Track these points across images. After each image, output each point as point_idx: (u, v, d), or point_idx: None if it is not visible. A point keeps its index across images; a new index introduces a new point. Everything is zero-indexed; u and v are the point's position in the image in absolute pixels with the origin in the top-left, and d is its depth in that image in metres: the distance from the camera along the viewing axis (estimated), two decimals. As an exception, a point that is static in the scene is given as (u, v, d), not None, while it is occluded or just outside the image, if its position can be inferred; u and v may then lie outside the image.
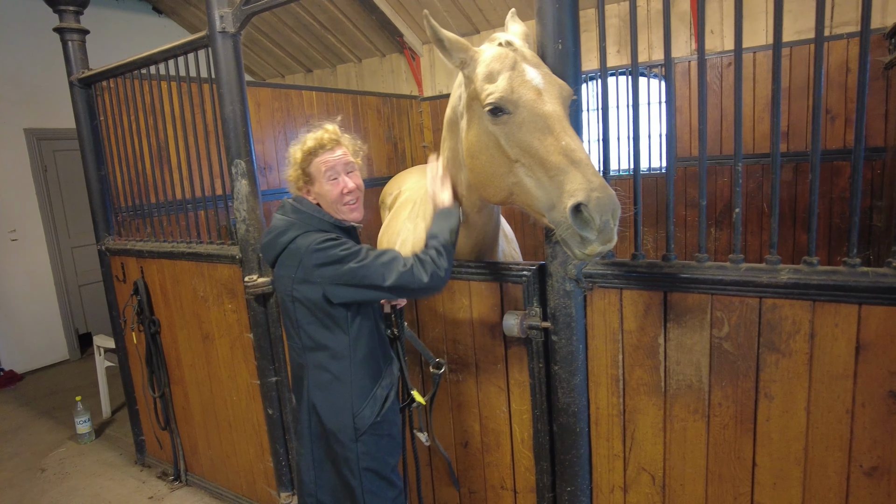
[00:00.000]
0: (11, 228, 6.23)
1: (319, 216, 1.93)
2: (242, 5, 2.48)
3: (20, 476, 4.18)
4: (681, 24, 4.95)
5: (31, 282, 6.33)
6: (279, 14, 6.60)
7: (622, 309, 1.79)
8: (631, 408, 1.84)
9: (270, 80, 8.15)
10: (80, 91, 3.53)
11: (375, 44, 6.76)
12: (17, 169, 6.22)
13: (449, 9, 5.88)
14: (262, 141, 4.71)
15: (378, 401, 1.96)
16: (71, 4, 3.46)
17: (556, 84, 1.66)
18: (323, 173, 1.93)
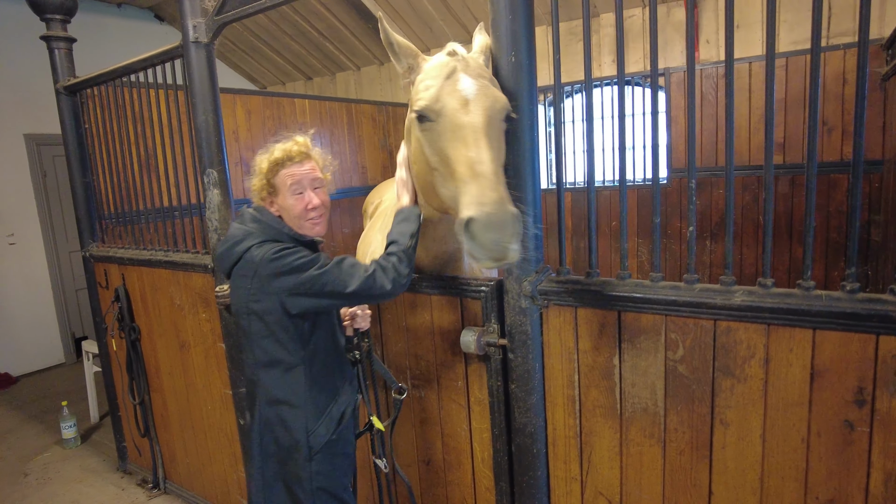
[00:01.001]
0: (10, 232, 6.28)
1: (279, 227, 1.88)
2: (215, 15, 2.47)
3: (3, 481, 4.18)
4: (676, 34, 4.89)
5: (28, 285, 6.38)
6: (278, 22, 6.63)
7: (577, 328, 1.74)
8: (587, 430, 1.79)
9: (272, 87, 8.19)
10: (65, 98, 3.55)
11: (373, 52, 6.76)
12: (16, 173, 6.28)
13: (445, 17, 5.87)
14: (252, 149, 4.70)
15: (334, 419, 1.91)
16: (57, 13, 3.48)
17: (489, 96, 1.61)
18: (288, 186, 1.88)
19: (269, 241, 1.83)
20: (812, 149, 1.38)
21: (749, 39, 4.75)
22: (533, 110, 1.73)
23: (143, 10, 7.28)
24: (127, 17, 7.13)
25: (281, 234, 1.87)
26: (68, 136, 3.64)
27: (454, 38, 6.06)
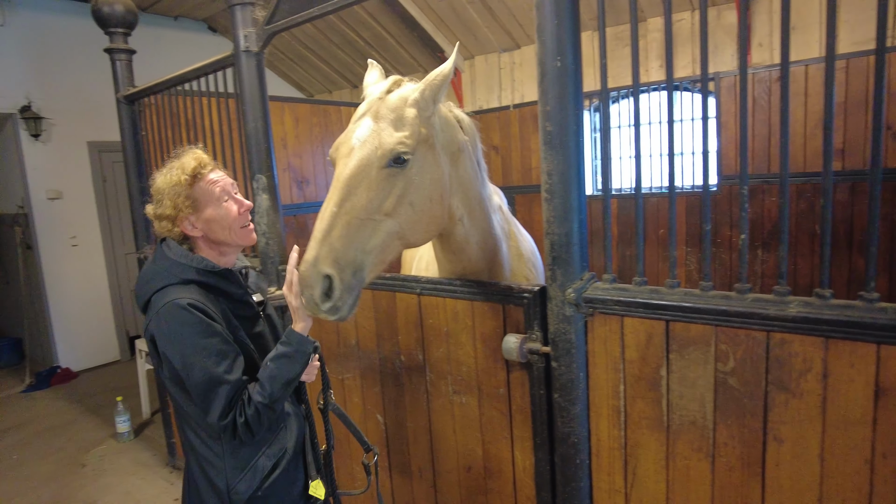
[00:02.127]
0: (72, 235, 6.61)
1: (185, 263, 1.69)
2: (265, 25, 2.55)
3: (63, 470, 4.39)
4: (727, 38, 4.76)
5: (87, 285, 6.69)
6: (325, 31, 6.78)
7: (623, 337, 1.70)
8: (633, 441, 1.74)
9: (319, 95, 8.37)
10: (125, 107, 3.71)
11: (418, 60, 6.83)
12: (79, 179, 6.61)
13: (490, 24, 5.88)
14: (300, 155, 4.82)
15: (259, 472, 1.72)
16: (120, 26, 3.65)
17: (372, 143, 1.61)
18: (216, 195, 1.74)
19: (175, 286, 1.66)
20: (877, 154, 1.32)
21: (805, 41, 4.59)
22: (578, 116, 1.71)
23: (197, 21, 7.57)
24: (182, 28, 7.43)
25: (188, 269, 1.68)
26: (126, 143, 3.80)
27: (499, 44, 6.08)
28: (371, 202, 1.59)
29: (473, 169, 1.98)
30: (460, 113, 2.04)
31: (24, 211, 6.43)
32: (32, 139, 6.20)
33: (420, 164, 1.69)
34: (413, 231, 1.72)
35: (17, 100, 6.08)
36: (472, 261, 2.06)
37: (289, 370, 1.67)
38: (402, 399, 2.38)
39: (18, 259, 6.66)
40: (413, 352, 2.29)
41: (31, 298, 6.75)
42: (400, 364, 2.35)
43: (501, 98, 6.26)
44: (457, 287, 2.06)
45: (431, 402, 2.27)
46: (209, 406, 1.59)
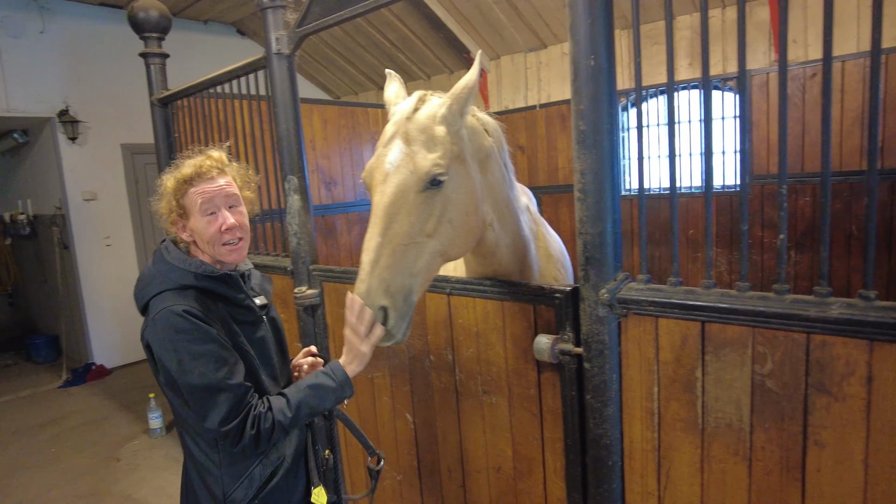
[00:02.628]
0: (106, 235, 6.78)
1: (183, 268, 1.66)
2: (296, 27, 2.58)
3: (98, 464, 4.50)
4: (759, 34, 4.67)
5: (121, 284, 6.85)
6: (352, 34, 6.84)
7: (658, 338, 1.68)
8: (666, 444, 1.72)
9: (345, 97, 8.44)
10: (158, 110, 3.80)
11: (443, 60, 6.85)
12: (114, 180, 6.79)
13: (516, 24, 5.86)
14: (328, 157, 4.87)
15: (255, 481, 1.70)
16: (154, 31, 3.74)
17: (407, 168, 1.60)
18: (199, 206, 1.67)
19: (171, 291, 1.62)
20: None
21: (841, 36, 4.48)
22: (613, 114, 1.69)
23: (226, 25, 7.70)
24: (212, 32, 7.57)
25: (185, 274, 1.65)
26: (160, 145, 3.88)
27: (525, 44, 6.06)
28: (413, 227, 1.59)
29: (501, 172, 1.96)
30: (485, 116, 2.01)
31: (61, 212, 6.61)
32: (69, 142, 6.38)
33: (455, 181, 1.68)
34: (454, 246, 1.72)
35: (56, 104, 6.26)
36: (501, 264, 2.05)
37: (321, 402, 1.66)
38: (431, 398, 2.39)
39: (56, 258, 6.85)
40: (442, 351, 2.30)
41: (68, 297, 6.94)
42: (429, 364, 2.36)
43: (528, 98, 6.24)
44: (487, 287, 2.06)
45: (461, 402, 2.27)
46: (207, 412, 1.55)
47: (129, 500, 3.94)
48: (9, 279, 8.82)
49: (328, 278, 2.74)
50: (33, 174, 7.31)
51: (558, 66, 5.98)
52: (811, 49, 4.54)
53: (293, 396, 1.65)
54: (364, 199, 5.02)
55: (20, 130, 6.99)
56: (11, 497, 4.08)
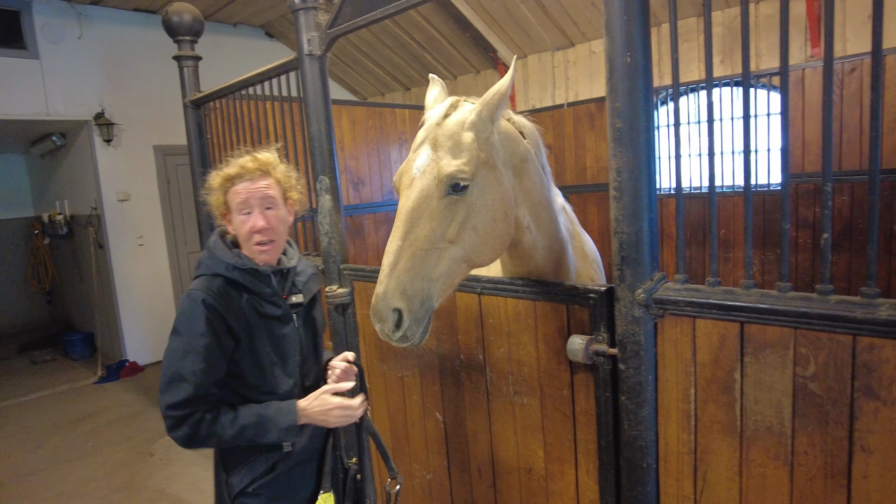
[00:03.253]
0: (139, 235, 6.93)
1: (220, 258, 1.79)
2: (327, 29, 2.60)
3: (133, 458, 4.61)
4: (793, 30, 4.57)
5: (153, 283, 7.01)
6: (379, 35, 6.88)
7: (695, 339, 1.66)
8: (703, 446, 1.69)
9: (372, 98, 8.49)
10: (191, 111, 3.86)
11: (470, 60, 6.84)
12: (146, 181, 6.94)
13: (543, 23, 5.83)
14: (356, 157, 4.90)
15: (253, 471, 1.79)
16: (188, 34, 3.80)
17: (431, 173, 1.62)
18: (236, 205, 1.78)
19: (207, 277, 1.78)
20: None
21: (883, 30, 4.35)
22: (648, 112, 1.67)
23: (255, 28, 7.81)
24: (241, 35, 7.68)
25: (220, 263, 1.78)
26: (193, 146, 3.95)
27: (552, 43, 6.02)
28: (434, 232, 1.60)
29: (539, 175, 1.93)
30: (522, 120, 1.98)
31: (96, 212, 6.78)
32: (105, 144, 6.54)
33: (481, 187, 1.67)
34: (479, 253, 1.71)
35: (92, 107, 6.43)
36: (538, 265, 2.04)
37: (261, 436, 1.72)
38: (461, 398, 2.39)
39: (91, 258, 7.03)
40: (473, 351, 2.30)
41: (102, 295, 7.11)
42: (459, 363, 2.36)
43: (555, 97, 6.20)
44: (519, 287, 2.05)
45: (492, 402, 2.26)
46: (163, 390, 1.68)
47: (163, 494, 4.02)
48: (47, 278, 9.08)
49: (358, 277, 2.75)
50: (70, 176, 7.51)
51: (586, 64, 5.93)
52: (850, 44, 4.42)
53: (241, 418, 1.72)
54: (391, 200, 5.05)
55: (58, 133, 7.19)
56: (53, 488, 4.20)
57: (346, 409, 1.81)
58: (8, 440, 5.14)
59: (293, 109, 3.11)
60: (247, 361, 1.79)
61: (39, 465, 4.60)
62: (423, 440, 2.62)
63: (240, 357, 1.79)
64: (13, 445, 5.01)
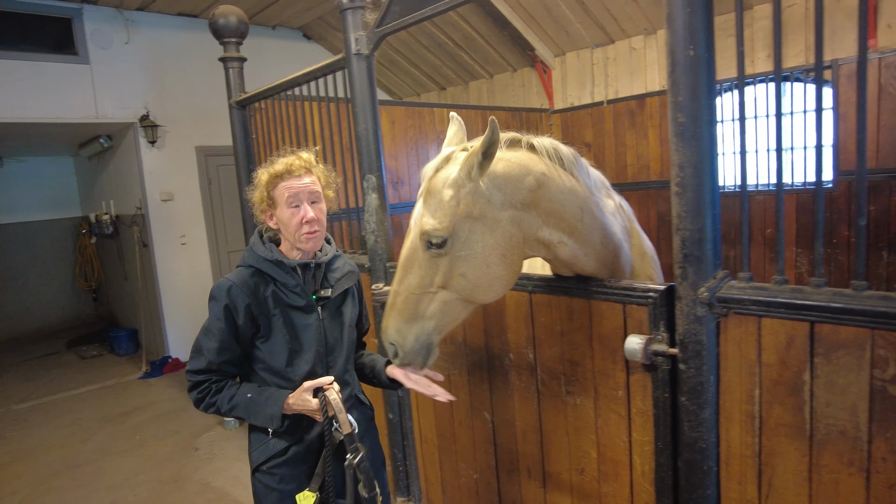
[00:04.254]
0: (182, 234, 7.10)
1: (257, 252, 1.97)
2: (375, 28, 2.62)
3: (178, 452, 4.71)
4: (847, 21, 4.41)
5: (194, 281, 7.16)
6: (415, 34, 6.90)
7: (760, 339, 1.61)
8: (768, 450, 1.64)
9: (407, 98, 8.53)
10: (237, 112, 3.94)
11: (507, 59, 6.81)
12: (189, 182, 7.09)
13: (582, 20, 5.76)
14: (395, 157, 4.93)
15: (270, 449, 1.97)
16: (233, 36, 3.88)
17: (417, 226, 1.75)
18: (285, 199, 1.92)
19: (244, 267, 1.99)
20: None
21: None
22: (712, 106, 1.63)
23: (293, 30, 7.92)
24: (280, 37, 7.79)
25: (256, 257, 1.97)
26: (238, 146, 4.02)
27: (591, 40, 5.94)
28: (422, 280, 1.75)
29: (564, 192, 1.83)
30: (537, 141, 1.88)
31: (141, 212, 6.97)
32: (149, 145, 6.71)
33: (464, 240, 1.72)
34: (473, 295, 1.78)
35: (138, 110, 6.60)
36: (585, 269, 1.99)
37: (249, 416, 1.91)
38: (510, 398, 2.38)
39: (136, 256, 7.23)
40: (523, 350, 2.28)
41: (146, 293, 7.31)
42: (508, 362, 2.35)
43: (594, 94, 6.11)
44: (572, 285, 2.03)
45: (542, 403, 2.24)
46: (190, 357, 1.96)
47: (208, 487, 4.10)
48: (93, 276, 9.38)
49: (405, 276, 2.76)
50: (116, 176, 7.73)
51: (626, 61, 5.84)
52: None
53: (237, 396, 1.92)
54: (430, 198, 5.04)
55: (105, 135, 7.40)
56: (105, 479, 4.33)
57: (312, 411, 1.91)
58: (61, 432, 5.32)
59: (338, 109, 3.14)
60: (267, 347, 1.96)
61: (91, 456, 4.75)
62: (470, 439, 2.62)
63: (261, 342, 1.96)
64: (66, 437, 5.18)
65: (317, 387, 1.90)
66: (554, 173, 1.85)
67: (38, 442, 5.14)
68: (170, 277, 7.03)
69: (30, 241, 9.64)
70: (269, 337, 1.96)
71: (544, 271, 2.26)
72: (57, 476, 4.45)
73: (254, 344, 1.96)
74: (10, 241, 9.46)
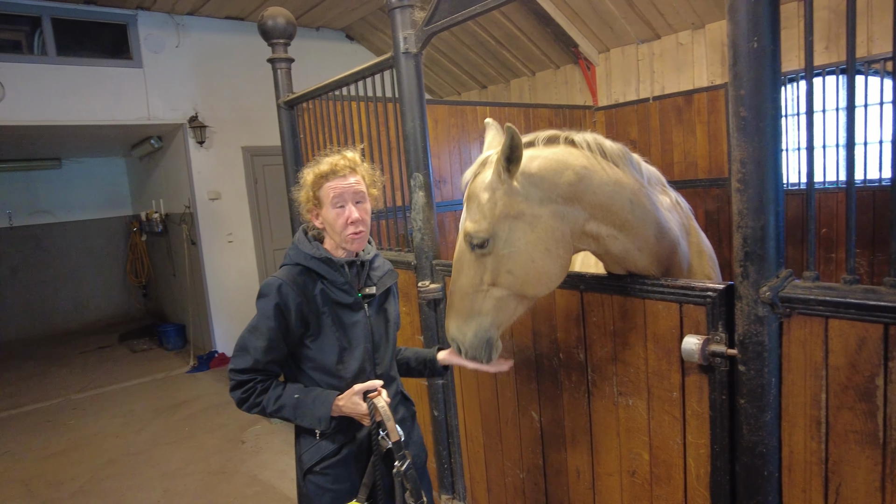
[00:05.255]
0: (229, 232, 7.28)
1: (302, 250, 1.97)
2: (424, 26, 2.62)
3: (226, 444, 4.84)
4: (912, 11, 4.20)
5: (241, 277, 7.33)
6: (457, 34, 6.90)
7: (828, 341, 1.55)
8: (836, 457, 1.58)
9: (447, 97, 8.54)
10: (284, 112, 4.01)
11: (550, 56, 6.74)
12: (235, 181, 7.27)
13: (627, 15, 5.66)
14: (438, 156, 4.94)
15: (322, 450, 1.96)
16: (281, 38, 3.95)
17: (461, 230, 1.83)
18: (330, 199, 1.93)
19: (289, 266, 1.98)
20: None
21: None
22: (776, 99, 1.58)
23: (336, 31, 8.03)
24: (323, 38, 7.91)
25: (301, 254, 1.97)
26: (286, 146, 4.10)
27: (636, 36, 5.83)
28: (472, 279, 1.82)
29: (609, 184, 1.83)
30: (578, 136, 1.89)
31: (189, 210, 7.18)
32: (198, 146, 6.91)
33: (505, 238, 1.77)
34: (523, 290, 1.83)
35: (187, 111, 6.81)
36: (637, 265, 1.97)
37: (296, 417, 1.90)
38: (559, 397, 2.35)
39: (184, 254, 7.46)
40: (573, 350, 2.25)
41: (194, 289, 7.53)
42: (558, 362, 2.32)
43: (639, 91, 6.00)
44: (626, 284, 1.99)
45: (593, 403, 2.21)
46: (233, 356, 1.93)
47: (255, 480, 4.20)
48: (143, 272, 9.72)
49: (450, 273, 2.76)
50: (166, 176, 7.99)
51: (672, 56, 5.71)
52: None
53: (284, 397, 1.91)
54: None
55: (156, 136, 7.66)
56: (158, 468, 4.48)
57: (361, 415, 1.92)
58: (116, 421, 5.53)
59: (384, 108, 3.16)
60: (317, 345, 1.96)
61: (144, 446, 4.92)
62: (516, 438, 2.60)
63: (310, 341, 1.96)
64: (120, 427, 5.39)
65: (366, 390, 1.91)
66: (597, 166, 1.85)
67: (96, 430, 5.36)
68: (217, 274, 7.23)
69: (85, 239, 10.06)
70: (319, 335, 1.96)
71: (597, 270, 2.23)
72: (113, 463, 4.63)
73: (303, 343, 1.96)
74: (68, 239, 9.89)
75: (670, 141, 5.47)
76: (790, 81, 4.91)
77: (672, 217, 2.02)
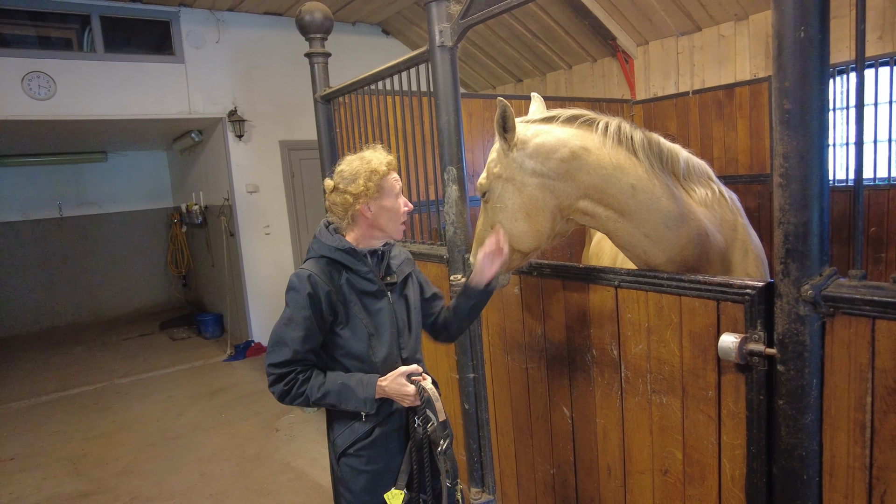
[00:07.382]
0: (266, 224, 7.43)
1: (327, 243, 2.02)
2: (460, 19, 2.62)
3: (260, 432, 4.95)
4: (974, -1, 4.00)
5: (277, 269, 7.47)
6: (493, 27, 6.86)
7: (874, 342, 1.49)
8: (881, 463, 1.52)
9: (482, 91, 8.51)
10: (321, 106, 4.06)
11: (587, 49, 6.65)
12: (273, 174, 7.40)
13: (667, 7, 5.54)
14: (471, 150, 4.93)
15: (355, 433, 2.01)
16: (319, 32, 3.99)
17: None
18: (396, 191, 2.06)
19: (314, 259, 2.03)
20: None
21: None
22: (823, 92, 1.52)
23: (372, 26, 8.07)
24: (359, 33, 7.97)
25: (326, 247, 2.02)
26: (322, 140, 4.15)
27: (676, 28, 5.70)
28: (483, 222, 2.24)
29: (606, 167, 2.00)
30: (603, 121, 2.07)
31: (228, 203, 7.34)
32: (237, 139, 7.06)
33: (498, 194, 2.13)
34: (513, 240, 2.12)
35: (226, 105, 6.96)
36: (650, 255, 2.02)
37: (342, 402, 1.95)
38: (591, 394, 2.33)
39: (223, 245, 7.63)
40: (606, 347, 2.23)
41: (232, 280, 7.70)
42: (591, 358, 2.30)
43: (679, 84, 5.87)
44: (662, 280, 1.96)
45: (626, 401, 2.19)
46: (269, 351, 1.96)
47: (289, 467, 4.29)
48: (183, 263, 10.00)
49: (483, 267, 2.76)
50: (206, 169, 8.19)
51: (713, 49, 5.56)
52: None
53: (328, 383, 1.95)
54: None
55: (197, 130, 7.85)
56: (195, 452, 4.62)
57: (408, 396, 1.97)
58: (156, 406, 5.72)
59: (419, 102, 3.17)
60: (347, 333, 2.02)
61: (182, 430, 5.08)
62: (547, 433, 2.59)
63: (340, 329, 2.02)
64: (161, 412, 5.57)
65: (410, 373, 1.97)
66: (600, 149, 2.00)
67: (138, 414, 5.55)
68: (254, 265, 7.38)
69: (129, 230, 10.40)
70: (348, 323, 2.02)
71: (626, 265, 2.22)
72: (154, 446, 4.80)
73: (333, 331, 2.02)
74: (113, 230, 10.24)
75: (710, 136, 5.34)
76: (839, 73, 4.73)
77: (705, 210, 1.99)
